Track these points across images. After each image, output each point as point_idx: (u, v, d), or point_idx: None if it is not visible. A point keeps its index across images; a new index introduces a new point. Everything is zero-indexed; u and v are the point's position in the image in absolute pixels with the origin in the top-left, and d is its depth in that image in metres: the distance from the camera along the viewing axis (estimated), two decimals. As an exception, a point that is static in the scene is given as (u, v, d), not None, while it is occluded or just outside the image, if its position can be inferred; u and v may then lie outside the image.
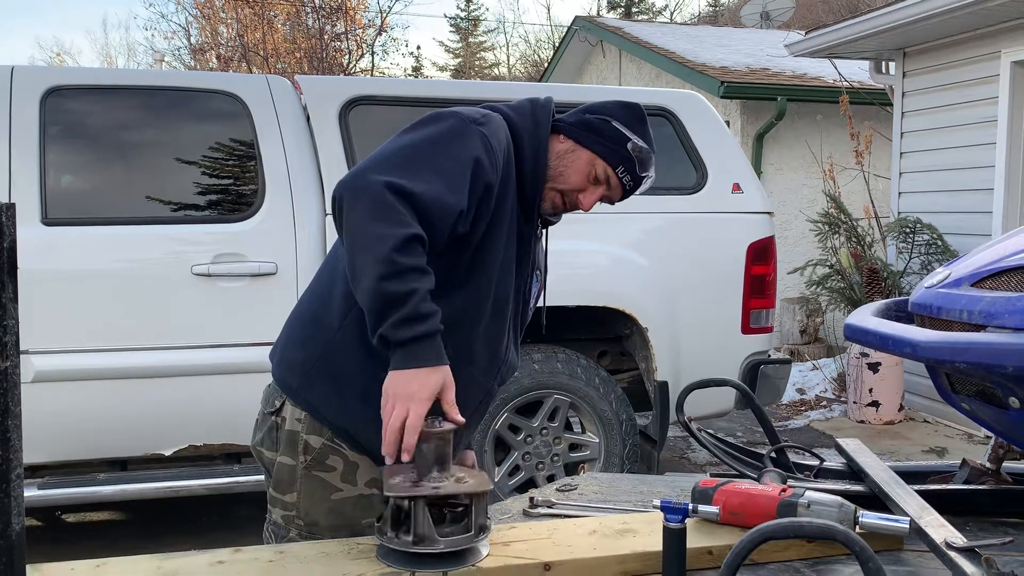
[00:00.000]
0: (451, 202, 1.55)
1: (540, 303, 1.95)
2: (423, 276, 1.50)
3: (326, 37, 16.74)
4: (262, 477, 1.88)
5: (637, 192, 1.82)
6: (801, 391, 7.23)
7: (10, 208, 1.04)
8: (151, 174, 3.80)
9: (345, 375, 1.69)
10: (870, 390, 6.17)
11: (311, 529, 1.73)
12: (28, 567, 1.12)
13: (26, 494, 1.06)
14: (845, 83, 8.15)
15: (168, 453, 3.61)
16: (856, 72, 8.44)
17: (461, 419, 1.52)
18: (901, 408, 6.24)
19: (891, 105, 6.98)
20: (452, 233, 1.60)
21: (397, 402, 1.47)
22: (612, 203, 1.85)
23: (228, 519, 4.31)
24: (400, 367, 1.49)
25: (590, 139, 1.76)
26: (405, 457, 1.48)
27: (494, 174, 1.64)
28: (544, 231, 1.87)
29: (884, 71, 7.21)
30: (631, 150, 1.75)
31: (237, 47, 17.08)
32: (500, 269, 1.71)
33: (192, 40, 19.21)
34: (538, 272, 1.89)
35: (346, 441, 1.72)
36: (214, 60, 17.53)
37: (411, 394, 1.47)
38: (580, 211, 1.82)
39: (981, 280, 1.63)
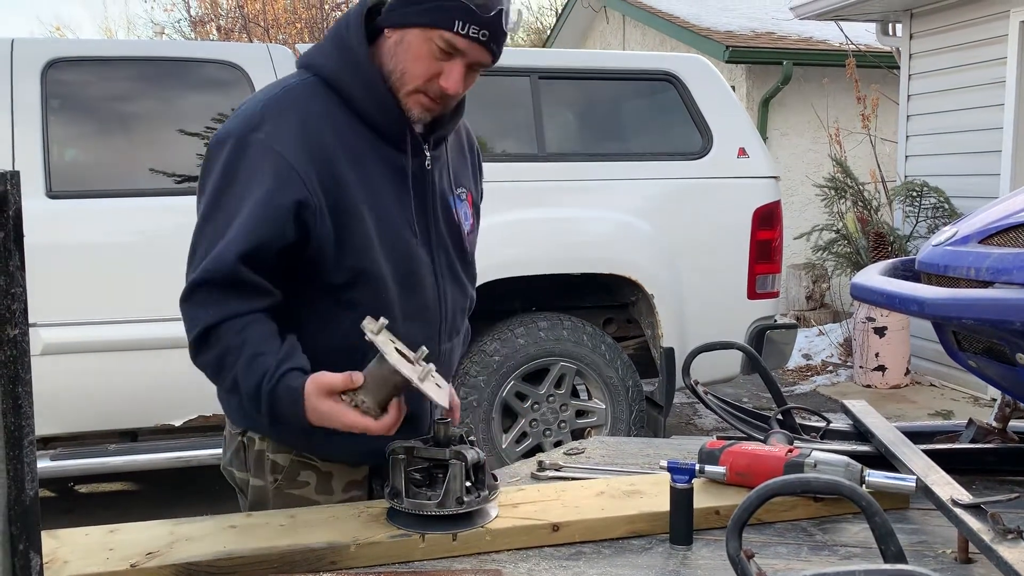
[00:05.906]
0: (250, 249, 1.46)
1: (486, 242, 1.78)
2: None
3: (327, 7, 16.59)
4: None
5: (507, 32, 1.48)
6: (807, 357, 7.25)
7: (15, 176, 1.04)
8: (154, 145, 3.79)
9: None
10: (876, 354, 6.17)
11: None
12: (43, 533, 1.13)
13: (38, 465, 1.07)
14: (851, 46, 8.06)
15: (178, 424, 3.64)
16: (862, 35, 8.34)
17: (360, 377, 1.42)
18: (907, 372, 6.25)
19: (898, 68, 6.91)
20: (287, 259, 1.49)
21: (338, 425, 1.42)
22: (487, 67, 1.51)
23: (239, 488, 4.34)
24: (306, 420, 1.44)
25: (410, 13, 1.45)
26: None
27: (298, 182, 1.45)
28: (445, 145, 1.63)
29: (891, 33, 7.12)
30: None
31: (237, 18, 16.96)
32: (382, 242, 1.51)
33: (192, 12, 19.07)
34: (461, 190, 1.66)
35: (315, 454, 1.65)
36: (214, 32, 17.42)
37: (331, 421, 1.42)
38: (450, 94, 1.48)
39: (989, 237, 1.62)
